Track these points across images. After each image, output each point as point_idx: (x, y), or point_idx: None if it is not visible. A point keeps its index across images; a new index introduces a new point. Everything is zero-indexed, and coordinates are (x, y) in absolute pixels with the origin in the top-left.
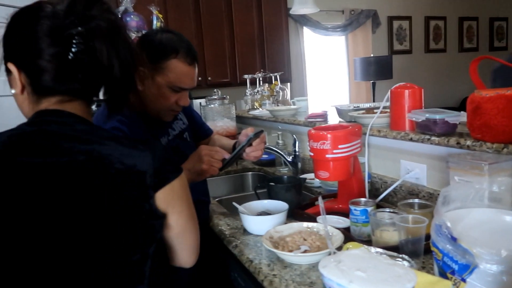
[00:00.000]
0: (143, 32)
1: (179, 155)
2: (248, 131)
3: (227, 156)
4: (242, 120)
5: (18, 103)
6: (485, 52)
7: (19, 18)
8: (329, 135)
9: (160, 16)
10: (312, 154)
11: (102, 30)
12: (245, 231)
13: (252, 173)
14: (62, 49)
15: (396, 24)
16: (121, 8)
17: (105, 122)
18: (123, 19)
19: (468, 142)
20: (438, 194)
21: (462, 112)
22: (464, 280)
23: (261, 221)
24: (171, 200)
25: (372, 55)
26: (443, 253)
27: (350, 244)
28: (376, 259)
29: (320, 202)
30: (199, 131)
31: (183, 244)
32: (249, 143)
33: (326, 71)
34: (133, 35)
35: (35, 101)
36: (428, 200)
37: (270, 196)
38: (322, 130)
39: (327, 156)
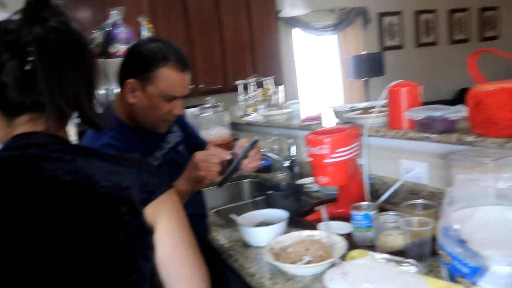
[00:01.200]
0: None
1: (175, 168)
2: (243, 142)
3: (227, 156)
4: (236, 126)
5: None
6: (476, 43)
7: None
8: (326, 140)
9: (150, 26)
10: (310, 159)
11: (50, 39)
12: (244, 244)
13: (249, 181)
14: (19, 61)
15: (386, 20)
16: (110, 21)
17: (97, 138)
18: (112, 32)
19: (470, 138)
20: (440, 193)
21: (460, 106)
22: (475, 284)
23: (261, 233)
24: (158, 216)
25: (363, 53)
26: (452, 256)
27: (355, 252)
28: (384, 268)
29: (323, 212)
30: (195, 143)
31: (175, 272)
32: (245, 155)
33: (319, 72)
34: (123, 47)
35: (7, 124)
36: (430, 199)
37: (269, 205)
38: (320, 135)
39: (325, 161)
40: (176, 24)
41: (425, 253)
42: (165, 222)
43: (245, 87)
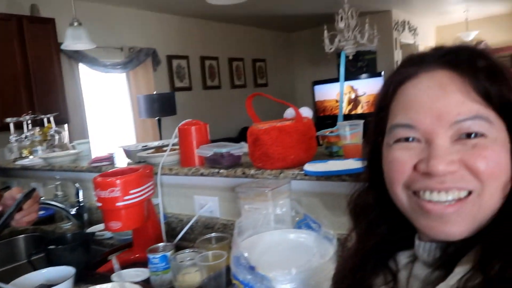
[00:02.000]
0: None
1: None
2: (14, 193)
3: None
4: (6, 172)
5: None
6: (251, 88)
7: None
8: (118, 181)
9: None
10: (100, 204)
11: None
12: None
13: (24, 236)
14: None
15: (175, 62)
16: None
17: None
18: None
19: (252, 171)
20: (232, 224)
21: (243, 142)
22: None
23: None
24: None
25: (155, 92)
26: (243, 284)
27: None
28: None
29: (114, 261)
30: None
31: None
32: (18, 208)
33: (109, 110)
34: None
35: None
36: (223, 231)
37: (51, 262)
38: (110, 176)
39: (118, 204)
40: None
41: (222, 285)
42: None
43: (19, 126)
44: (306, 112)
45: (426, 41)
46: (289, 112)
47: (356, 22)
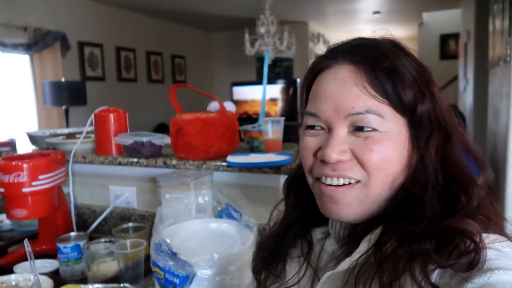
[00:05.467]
0: None
1: None
2: None
3: None
4: None
5: None
6: (169, 83)
7: None
8: (25, 165)
9: None
10: (2, 190)
11: None
12: None
13: None
14: None
15: (87, 50)
16: None
17: None
18: None
19: (174, 162)
20: (150, 215)
21: (164, 135)
22: None
23: None
24: None
25: (63, 80)
26: (164, 271)
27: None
28: None
29: (26, 244)
30: None
31: None
32: None
33: (7, 94)
34: None
35: None
36: (140, 222)
37: None
38: (16, 160)
39: (24, 190)
40: None
41: (139, 274)
42: None
43: None
44: (230, 107)
45: None
46: (213, 106)
47: (275, 29)
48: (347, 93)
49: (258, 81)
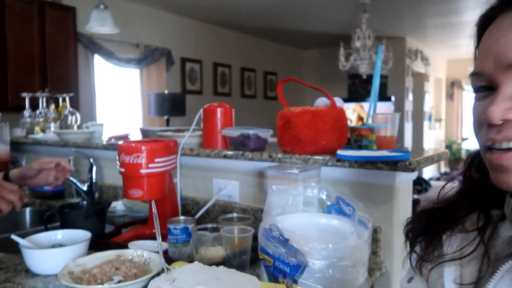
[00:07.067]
0: None
1: None
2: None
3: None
4: (17, 147)
5: None
6: (261, 99)
7: None
8: (144, 147)
9: None
10: (122, 170)
11: None
12: (29, 272)
13: (31, 209)
14: None
15: (188, 65)
16: None
17: None
18: None
19: (280, 155)
20: (252, 210)
21: (269, 129)
22: (295, 282)
23: (53, 255)
24: None
25: (166, 92)
26: (274, 258)
27: (175, 265)
28: (215, 271)
29: (153, 205)
30: None
31: None
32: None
33: (119, 102)
34: None
35: None
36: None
37: (65, 226)
38: (136, 143)
39: (141, 171)
40: None
41: (245, 262)
42: None
43: (33, 105)
44: (339, 102)
45: (436, 71)
46: (320, 102)
47: (372, 43)
48: (507, 41)
49: (350, 98)
